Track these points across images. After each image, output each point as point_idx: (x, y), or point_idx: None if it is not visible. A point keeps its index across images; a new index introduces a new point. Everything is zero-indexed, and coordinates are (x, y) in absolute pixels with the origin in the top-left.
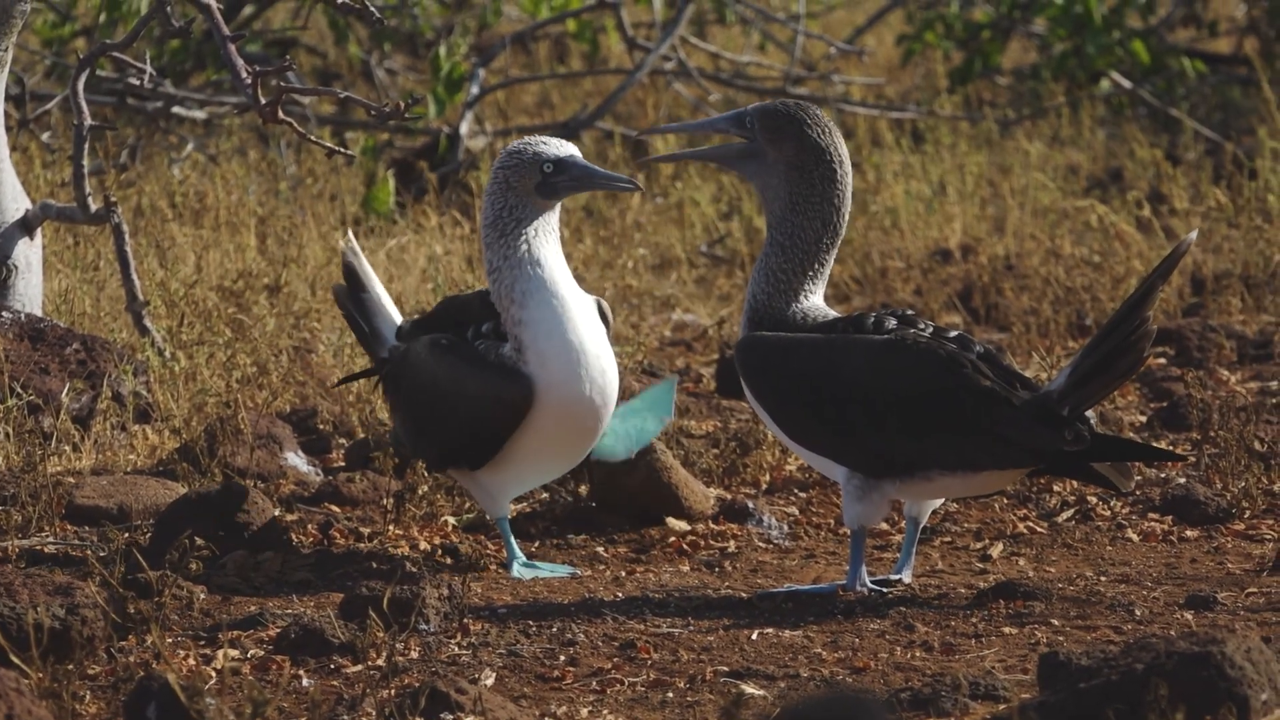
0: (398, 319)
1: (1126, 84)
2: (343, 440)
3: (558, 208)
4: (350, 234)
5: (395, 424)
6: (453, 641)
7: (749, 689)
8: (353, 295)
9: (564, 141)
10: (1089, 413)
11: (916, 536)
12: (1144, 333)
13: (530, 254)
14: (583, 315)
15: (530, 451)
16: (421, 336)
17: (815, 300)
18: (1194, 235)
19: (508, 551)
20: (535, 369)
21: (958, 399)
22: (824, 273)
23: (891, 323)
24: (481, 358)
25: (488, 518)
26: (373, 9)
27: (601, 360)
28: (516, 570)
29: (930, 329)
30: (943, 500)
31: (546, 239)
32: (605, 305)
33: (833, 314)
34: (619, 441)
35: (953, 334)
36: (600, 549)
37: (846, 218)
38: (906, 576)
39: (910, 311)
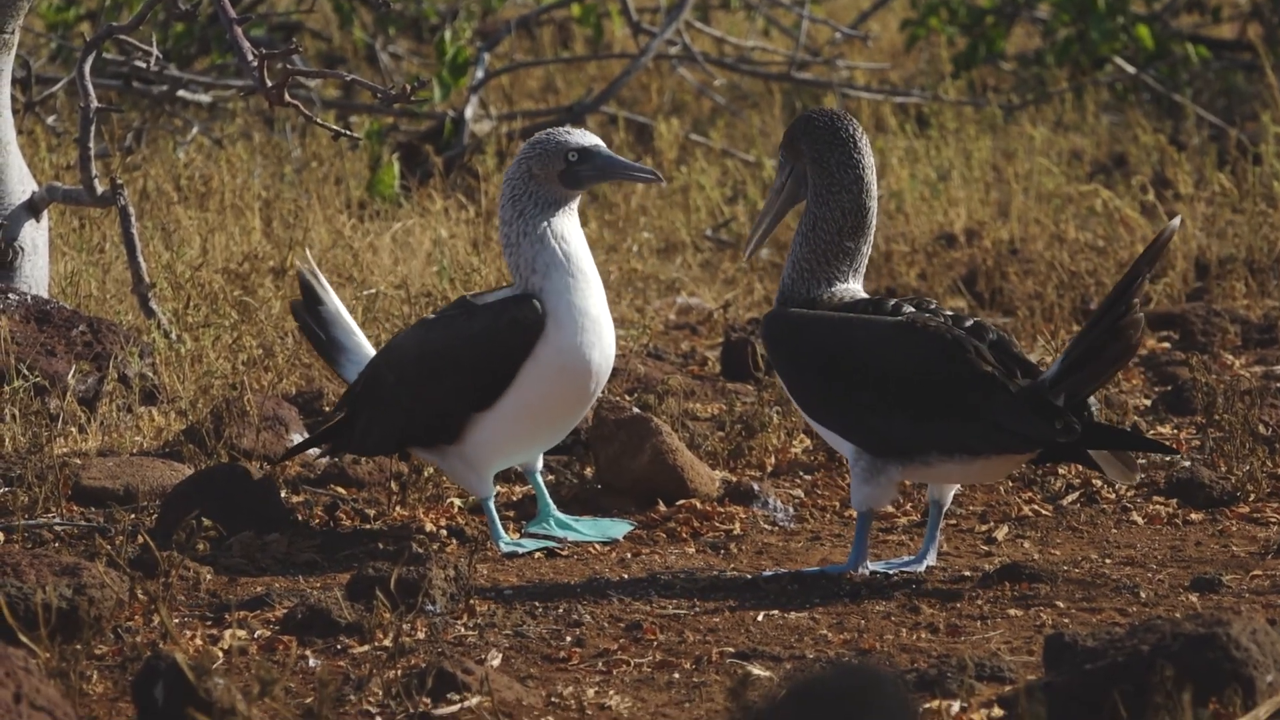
0: (362, 337)
1: (1130, 69)
2: None
3: (578, 196)
4: (308, 253)
5: (363, 424)
6: (459, 622)
7: (755, 670)
8: (310, 308)
9: (587, 132)
10: (1091, 401)
11: (940, 521)
12: (1132, 320)
13: (551, 229)
14: (599, 293)
15: (525, 404)
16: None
17: (847, 286)
18: (1177, 222)
19: (493, 532)
20: (549, 316)
21: (955, 383)
22: (853, 261)
23: (908, 307)
24: (482, 305)
25: (472, 498)
26: None
27: (607, 335)
28: (504, 547)
29: (946, 316)
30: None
31: (568, 217)
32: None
33: (863, 296)
34: (559, 527)
35: (969, 322)
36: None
37: (871, 207)
38: (931, 560)
39: (929, 301)
